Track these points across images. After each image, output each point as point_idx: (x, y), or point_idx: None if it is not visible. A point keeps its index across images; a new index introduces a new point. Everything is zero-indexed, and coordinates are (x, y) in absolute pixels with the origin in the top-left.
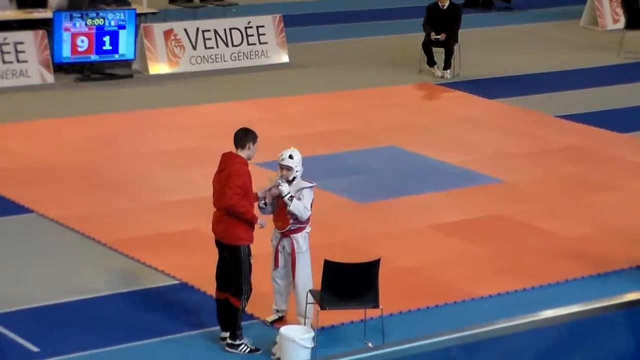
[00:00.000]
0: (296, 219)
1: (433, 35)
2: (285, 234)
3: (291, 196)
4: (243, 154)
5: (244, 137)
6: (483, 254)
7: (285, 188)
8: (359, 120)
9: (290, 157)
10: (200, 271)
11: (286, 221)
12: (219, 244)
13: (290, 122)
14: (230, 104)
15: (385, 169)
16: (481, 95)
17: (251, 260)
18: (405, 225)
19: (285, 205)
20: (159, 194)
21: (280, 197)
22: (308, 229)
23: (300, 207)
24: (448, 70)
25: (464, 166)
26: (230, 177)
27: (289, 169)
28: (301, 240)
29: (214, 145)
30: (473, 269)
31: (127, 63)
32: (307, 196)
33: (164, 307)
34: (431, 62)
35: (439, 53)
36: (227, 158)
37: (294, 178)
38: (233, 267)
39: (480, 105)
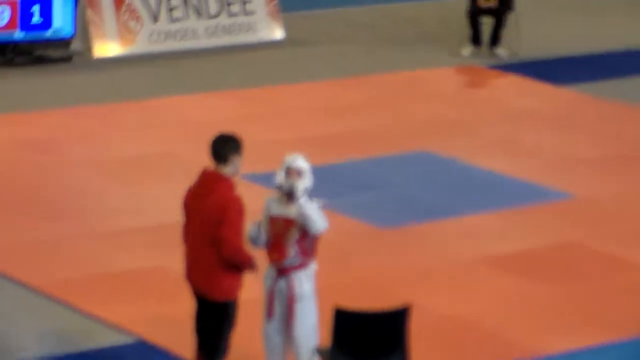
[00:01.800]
0: (300, 248)
1: (482, 2)
2: (282, 272)
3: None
4: (226, 170)
5: (223, 148)
6: (551, 297)
7: (299, 184)
8: (377, 117)
9: (303, 160)
10: (164, 324)
11: (284, 251)
12: (199, 297)
13: (285, 121)
14: (204, 97)
15: (415, 182)
16: (545, 80)
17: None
18: (444, 258)
19: (291, 221)
20: (110, 219)
21: (281, 217)
22: (314, 266)
23: (318, 214)
24: (500, 47)
25: (521, 177)
26: (225, 216)
27: (301, 173)
28: (305, 280)
29: (183, 152)
30: (538, 317)
31: (64, 42)
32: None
33: None
34: (476, 39)
35: (488, 25)
36: (210, 181)
37: (303, 192)
38: (213, 325)
39: (543, 95)
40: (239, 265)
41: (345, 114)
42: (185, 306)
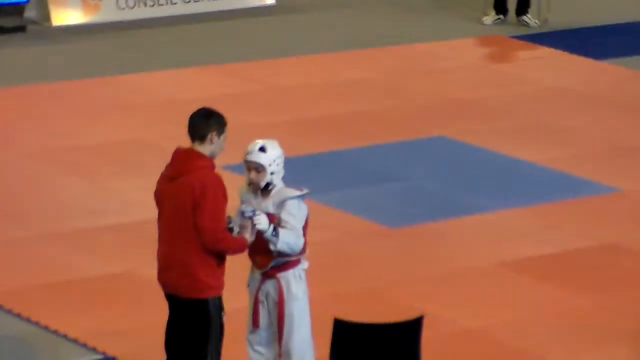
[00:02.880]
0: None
1: None
2: (268, 274)
3: (274, 230)
4: (204, 149)
5: (202, 123)
6: (591, 308)
7: (263, 221)
8: (386, 97)
9: (262, 149)
10: (133, 338)
11: (268, 255)
12: (173, 299)
13: (278, 101)
14: (182, 73)
15: (431, 173)
16: (583, 53)
17: (224, 318)
18: (464, 262)
19: (267, 241)
20: (70, 218)
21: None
22: (304, 264)
23: (290, 238)
24: (527, 15)
25: (556, 167)
26: (204, 199)
27: (259, 169)
28: (293, 281)
29: (156, 138)
30: (576, 332)
31: (16, 9)
32: (296, 212)
33: None
34: (501, 4)
35: None
36: (183, 159)
37: (269, 185)
38: (196, 332)
39: (582, 70)
40: (228, 252)
41: (348, 92)
42: (157, 317)
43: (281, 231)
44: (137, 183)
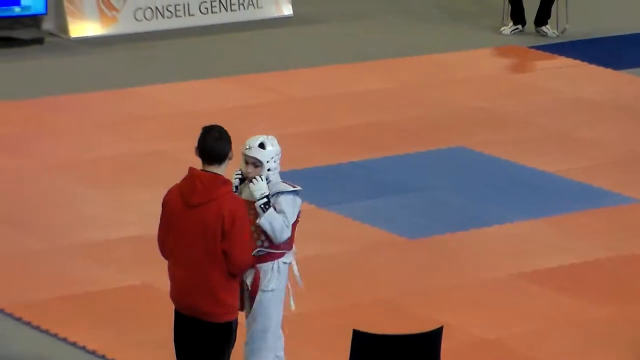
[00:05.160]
0: (267, 238)
1: None
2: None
3: (267, 201)
4: (219, 170)
5: (219, 148)
6: (609, 320)
7: (260, 186)
8: (403, 108)
9: (262, 146)
10: (153, 350)
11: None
12: (193, 321)
13: (294, 112)
14: (199, 84)
15: (449, 184)
16: (602, 63)
17: None
18: (481, 273)
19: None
20: (88, 229)
21: (251, 201)
22: (288, 258)
23: (277, 223)
24: (547, 26)
25: (575, 178)
26: (234, 230)
27: (257, 163)
28: (270, 273)
29: (174, 149)
30: (592, 343)
31: (34, 21)
32: (289, 206)
33: None
34: (518, 16)
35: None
36: (209, 187)
37: (266, 180)
38: (220, 350)
39: (600, 80)
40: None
41: (366, 103)
42: (170, 329)
43: (272, 211)
44: (156, 195)
